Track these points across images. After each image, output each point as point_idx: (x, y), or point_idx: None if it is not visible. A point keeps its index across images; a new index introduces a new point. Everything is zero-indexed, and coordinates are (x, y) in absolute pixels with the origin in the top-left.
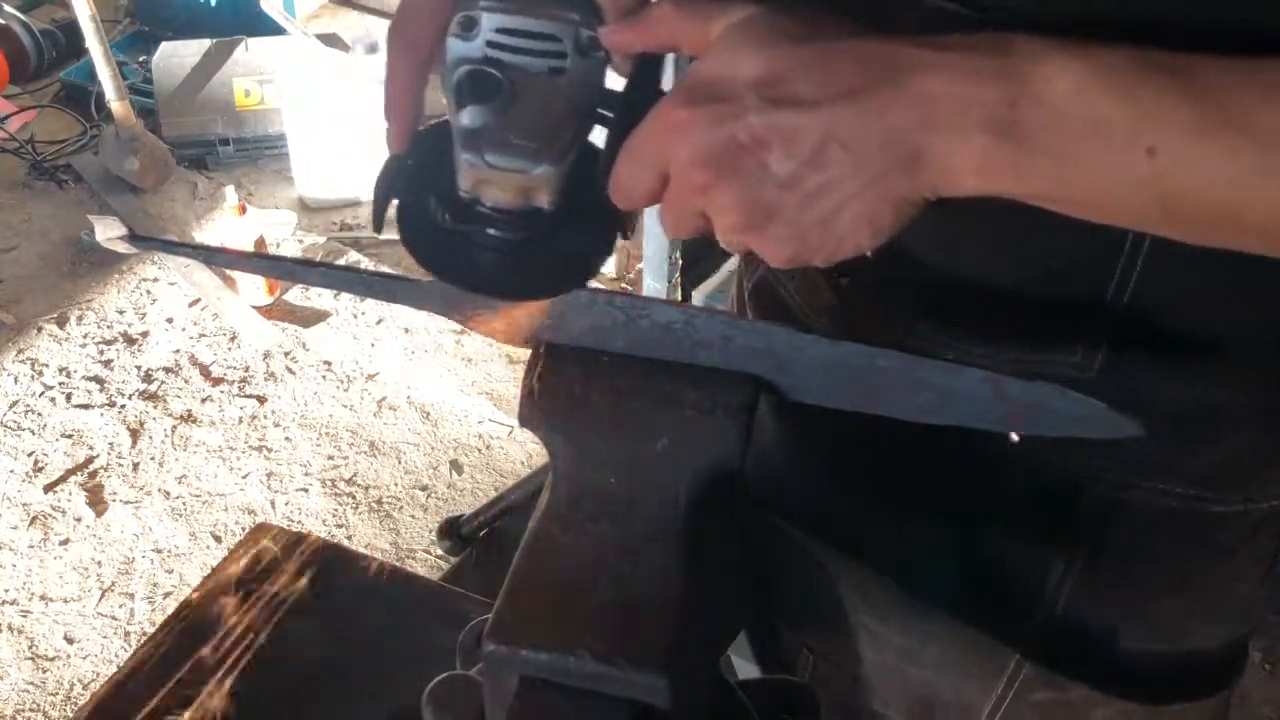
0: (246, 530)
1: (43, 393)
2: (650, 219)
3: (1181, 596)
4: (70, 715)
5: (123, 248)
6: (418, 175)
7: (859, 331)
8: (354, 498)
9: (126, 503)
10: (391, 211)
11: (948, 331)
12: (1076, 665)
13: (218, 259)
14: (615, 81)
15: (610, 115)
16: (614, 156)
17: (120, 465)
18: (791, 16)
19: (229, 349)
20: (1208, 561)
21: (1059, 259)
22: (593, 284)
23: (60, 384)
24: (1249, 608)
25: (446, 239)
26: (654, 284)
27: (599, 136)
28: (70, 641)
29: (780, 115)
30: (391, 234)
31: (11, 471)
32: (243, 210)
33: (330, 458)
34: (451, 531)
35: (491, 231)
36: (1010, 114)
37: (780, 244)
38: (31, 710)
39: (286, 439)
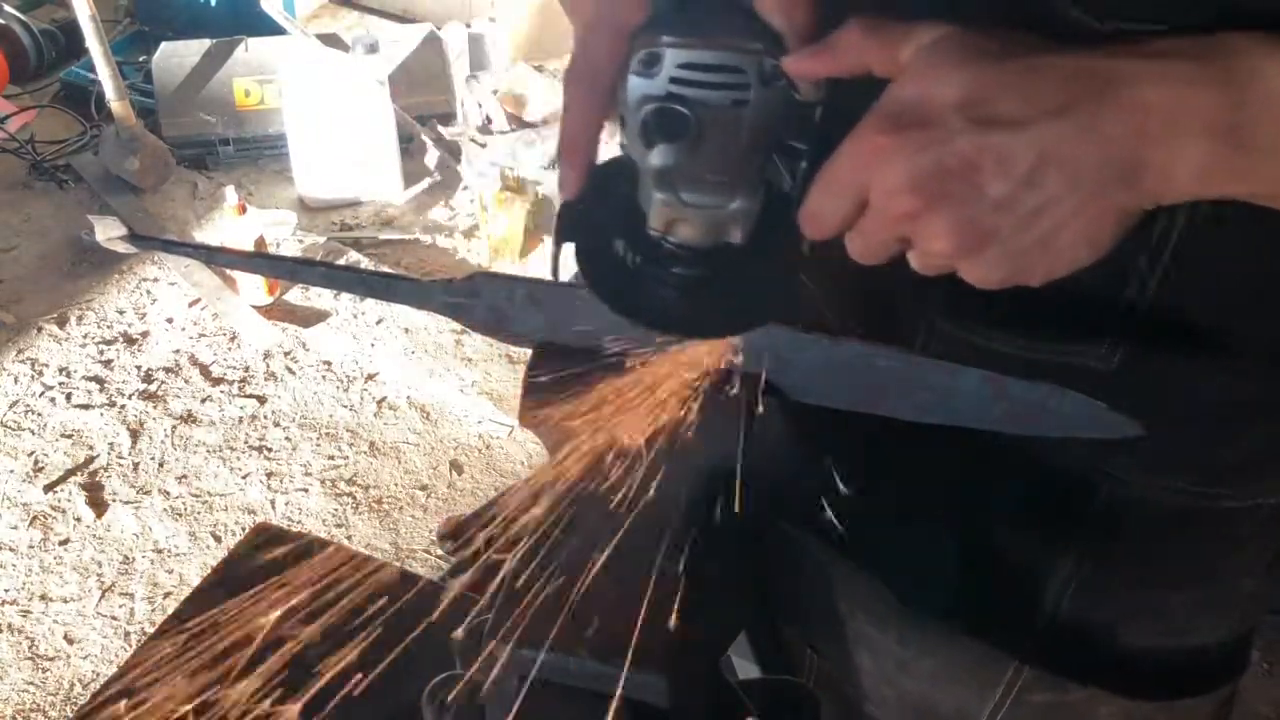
0: (246, 530)
1: (43, 393)
2: None
3: (1190, 591)
4: (70, 715)
5: (123, 248)
6: (592, 218)
7: (880, 325)
8: (354, 498)
9: (126, 503)
10: (565, 253)
11: (968, 325)
12: (1080, 665)
13: (218, 259)
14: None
15: (797, 146)
16: (807, 187)
17: (120, 465)
18: (985, 35)
19: (229, 349)
20: (1217, 555)
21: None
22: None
23: (60, 384)
24: (1254, 602)
25: (629, 279)
26: None
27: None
28: (70, 641)
29: (990, 136)
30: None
31: (11, 471)
32: (243, 210)
33: (330, 458)
34: (451, 531)
35: (677, 270)
36: (1232, 117)
37: (995, 267)
38: (31, 710)
39: (286, 439)
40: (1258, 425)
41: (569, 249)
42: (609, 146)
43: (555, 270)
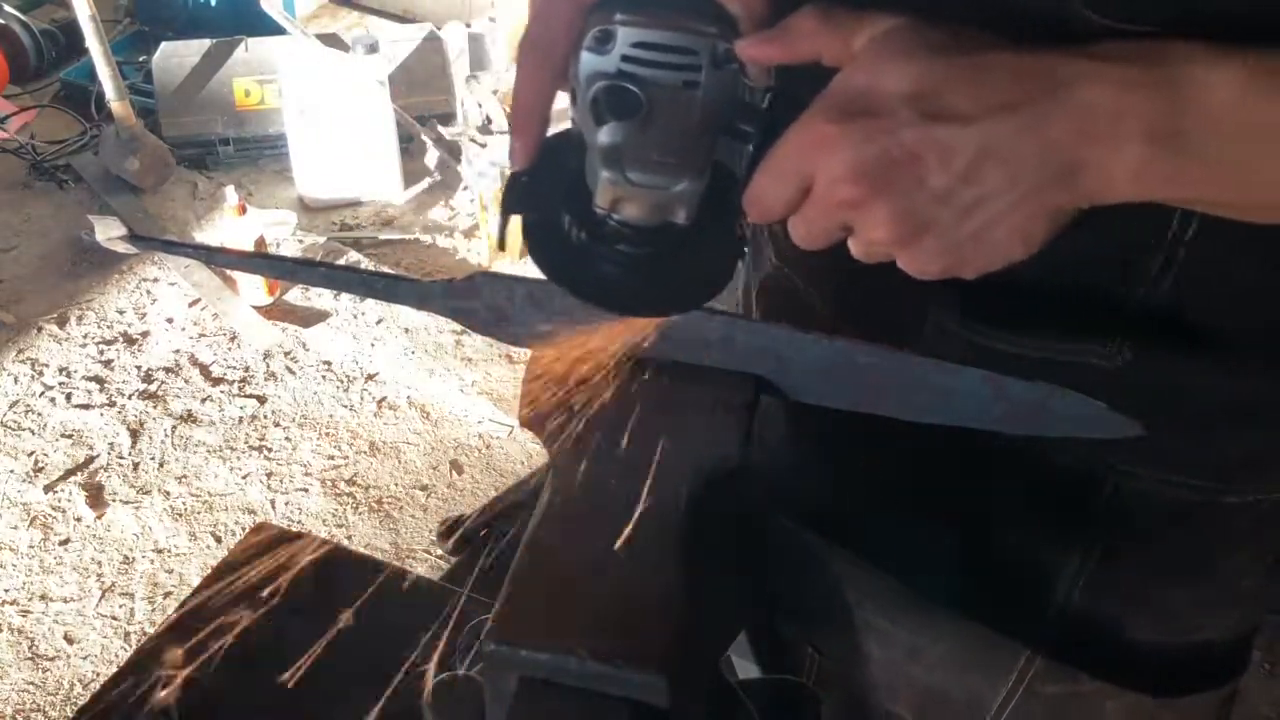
0: (246, 530)
1: (43, 393)
2: None
3: (1193, 587)
4: (70, 715)
5: (123, 248)
6: (539, 190)
7: (880, 324)
8: (354, 498)
9: (126, 503)
10: (513, 226)
11: (973, 324)
12: (1089, 658)
13: (218, 259)
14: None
15: (745, 129)
16: (753, 170)
17: (120, 465)
18: (937, 28)
19: (229, 349)
20: (1217, 552)
21: (1092, 254)
22: None
23: (60, 384)
24: (1256, 600)
25: (573, 254)
26: None
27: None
28: (70, 641)
29: (936, 129)
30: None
31: (11, 471)
32: (243, 210)
33: (330, 458)
34: (451, 531)
35: (621, 247)
36: (1170, 123)
37: (932, 258)
38: (31, 710)
39: (286, 439)
40: (1262, 423)
41: (516, 221)
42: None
43: (502, 241)
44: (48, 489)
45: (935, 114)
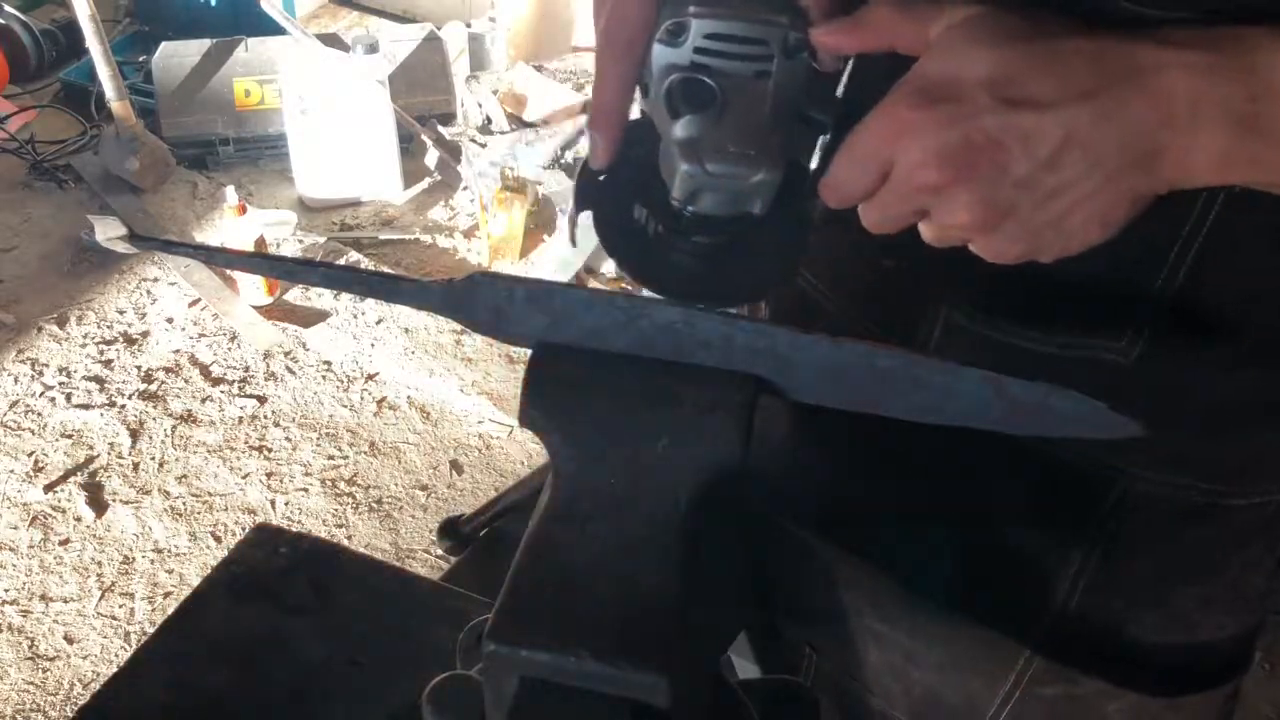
0: (246, 530)
1: (43, 393)
2: None
3: (1196, 586)
4: (70, 715)
5: (123, 248)
6: (610, 183)
7: (891, 317)
8: (354, 498)
9: (126, 503)
10: (584, 219)
11: (983, 317)
12: (1089, 659)
13: (218, 259)
14: None
15: (819, 118)
16: (828, 158)
17: (120, 465)
18: (1016, 15)
19: (229, 349)
20: (1223, 552)
21: (1110, 248)
22: (593, 284)
23: (60, 384)
24: (1259, 599)
25: (645, 245)
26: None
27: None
28: (70, 641)
29: (1018, 116)
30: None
31: (11, 471)
32: (243, 210)
33: (330, 458)
34: (451, 531)
35: (696, 238)
36: (1251, 108)
37: (1011, 243)
38: (31, 710)
39: (286, 439)
40: (1267, 425)
41: (586, 216)
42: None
43: (573, 236)
44: (48, 489)
45: (1017, 100)
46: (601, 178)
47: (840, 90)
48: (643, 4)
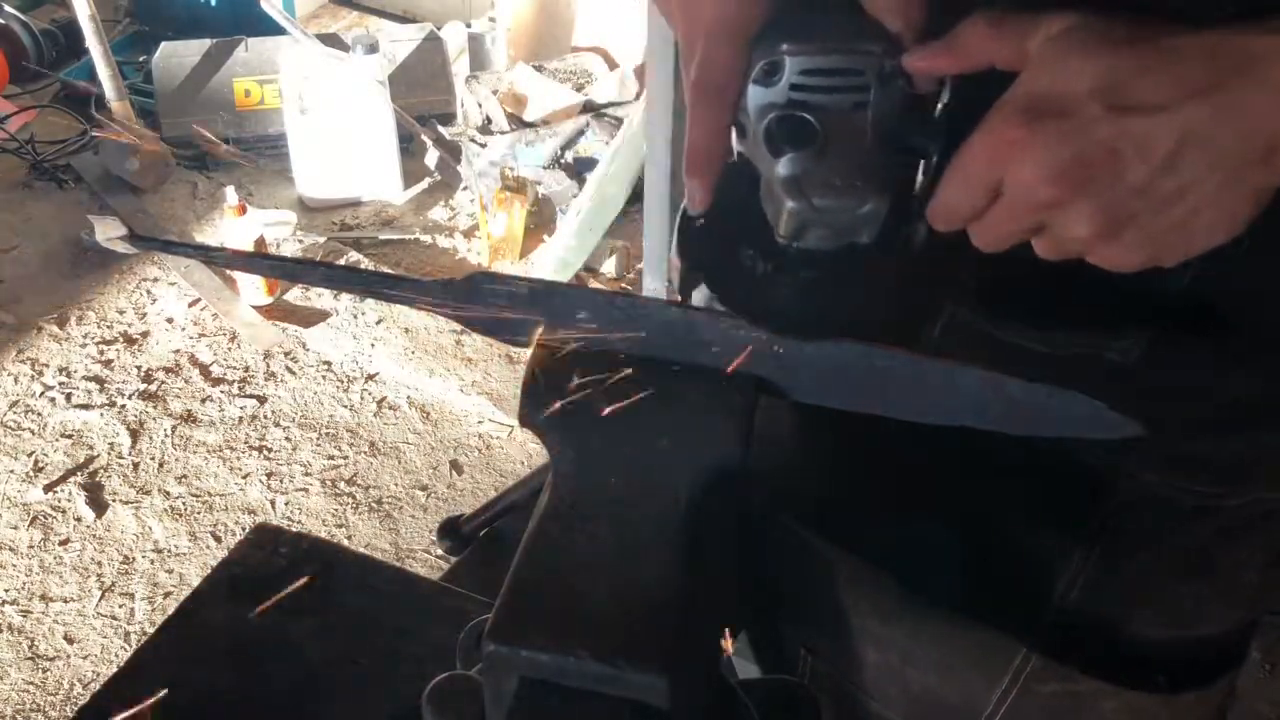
0: (246, 530)
1: (43, 393)
2: (650, 219)
3: (1191, 584)
4: (70, 715)
5: (123, 248)
6: (709, 228)
7: (898, 314)
8: (354, 498)
9: (126, 503)
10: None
11: (987, 316)
12: (1086, 656)
13: (218, 259)
14: None
15: (921, 142)
16: (935, 182)
17: (120, 465)
18: (1119, 20)
19: (229, 349)
20: (1216, 550)
21: None
22: (593, 284)
23: (60, 384)
24: (1256, 594)
25: (751, 285)
26: (654, 284)
27: None
28: (70, 641)
29: (1130, 122)
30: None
31: (11, 471)
32: (243, 210)
33: (330, 458)
34: (451, 531)
35: (804, 273)
36: None
37: (1133, 250)
38: (31, 710)
39: (286, 439)
40: (1265, 425)
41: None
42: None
43: (683, 291)
44: (48, 489)
45: (1127, 107)
46: (700, 222)
47: (939, 112)
48: (734, 49)
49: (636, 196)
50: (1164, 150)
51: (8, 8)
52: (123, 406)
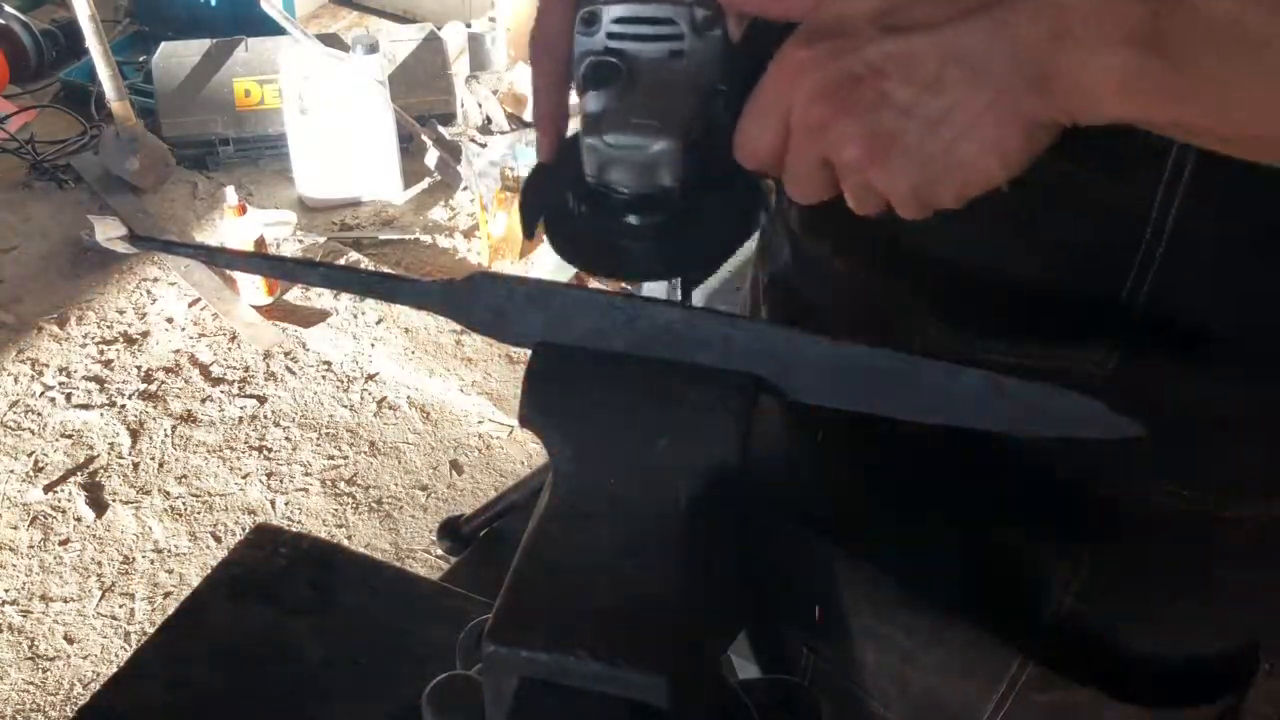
0: (246, 530)
1: (43, 393)
2: None
3: (1189, 600)
4: (70, 715)
5: (123, 248)
6: (560, 181)
7: (874, 335)
8: (354, 498)
9: (126, 503)
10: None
11: (960, 333)
12: (1082, 666)
13: (218, 259)
14: None
15: (722, 88)
16: (736, 119)
17: (120, 465)
18: None
19: (229, 349)
20: (1216, 566)
21: (1073, 256)
22: (593, 284)
23: (60, 384)
24: (1260, 615)
25: (592, 236)
26: (654, 284)
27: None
28: (70, 641)
29: (898, 41)
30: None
31: (11, 471)
32: (243, 210)
33: (330, 458)
34: (451, 531)
35: (631, 220)
36: (1155, 24)
37: (901, 174)
38: (31, 710)
39: (286, 439)
40: (1251, 439)
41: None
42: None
43: (529, 229)
44: (48, 489)
45: (900, 27)
46: (545, 173)
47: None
48: (564, 3)
49: None
50: (928, 68)
51: (8, 8)
52: (123, 406)
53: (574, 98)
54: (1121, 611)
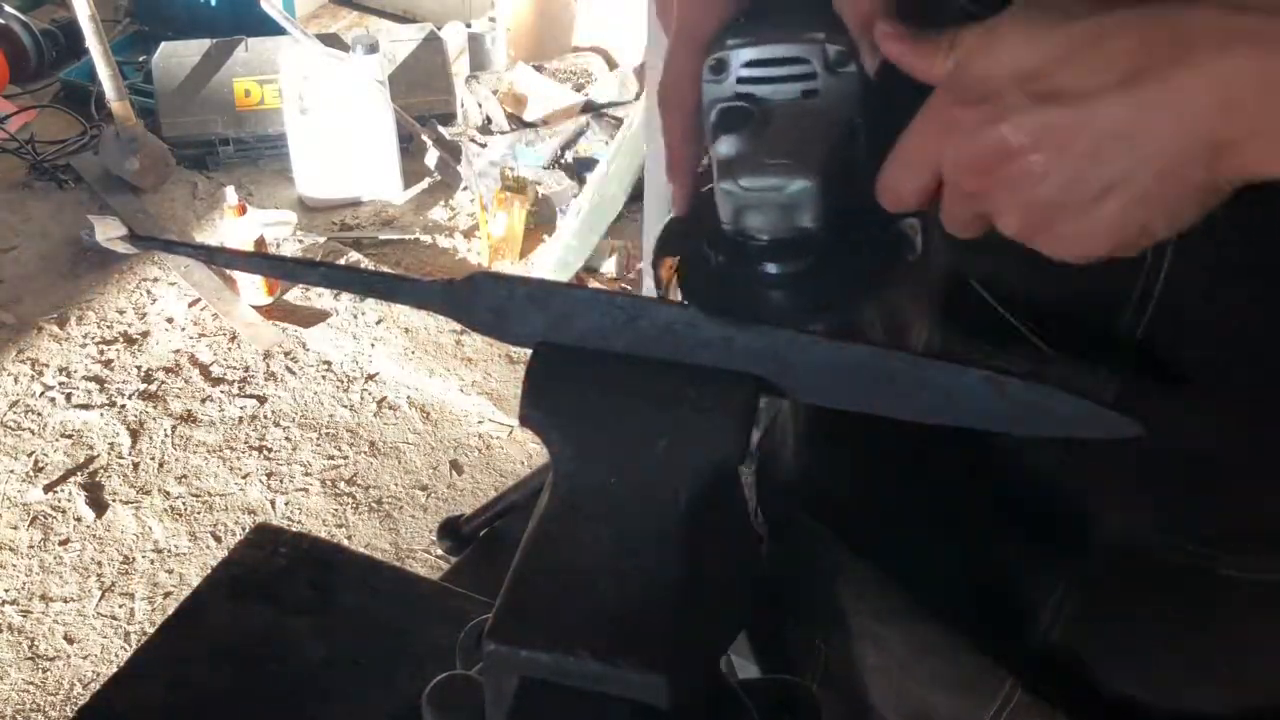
0: (246, 530)
1: (43, 393)
2: (650, 219)
3: (1181, 655)
4: (70, 715)
5: (123, 248)
6: (696, 234)
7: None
8: (354, 498)
9: (126, 503)
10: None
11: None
12: (1069, 700)
13: (218, 259)
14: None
15: (859, 122)
16: (876, 160)
17: (120, 465)
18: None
19: (229, 349)
20: (1213, 625)
21: (1074, 289)
22: (593, 284)
23: (60, 384)
24: (1266, 680)
25: (730, 287)
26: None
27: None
28: (70, 641)
29: (1048, 113)
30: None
31: (11, 471)
32: (243, 210)
33: (330, 458)
34: (451, 531)
35: (771, 268)
36: None
37: (1070, 245)
38: (31, 710)
39: (286, 439)
40: (1251, 489)
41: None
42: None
43: (658, 280)
44: (48, 489)
45: (1047, 95)
46: (680, 227)
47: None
48: (690, 53)
49: (636, 196)
50: (1083, 145)
51: (8, 8)
52: (123, 406)
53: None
54: (1105, 651)
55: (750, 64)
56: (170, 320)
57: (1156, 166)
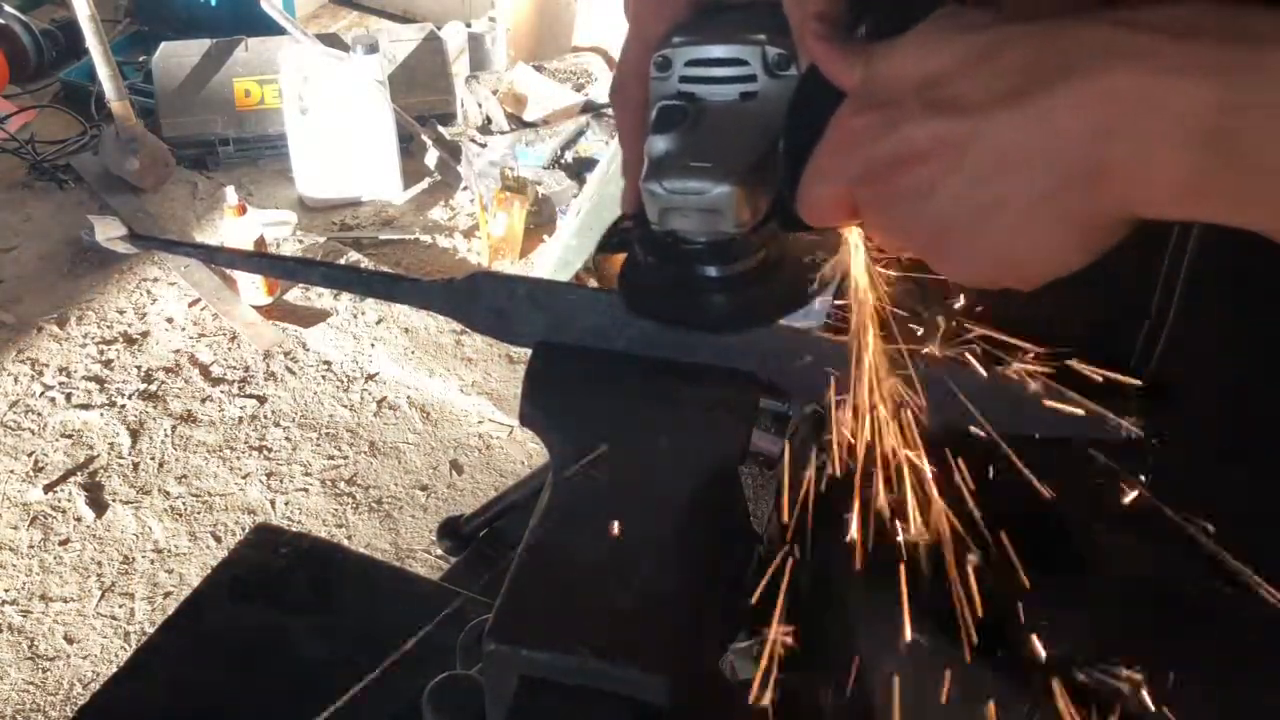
0: (246, 530)
1: (43, 393)
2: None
3: (1199, 684)
4: (70, 715)
5: (123, 248)
6: (642, 231)
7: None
8: (354, 498)
9: (126, 503)
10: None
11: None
12: None
13: (218, 259)
14: None
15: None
16: (791, 172)
17: (120, 465)
18: (992, 5)
19: (229, 349)
20: (1240, 666)
21: (1083, 324)
22: (592, 284)
23: (60, 384)
24: None
25: (670, 290)
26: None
27: None
28: (70, 641)
29: (940, 123)
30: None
31: (11, 471)
32: (243, 210)
33: (330, 458)
34: (451, 531)
35: (700, 270)
36: (1222, 121)
37: (963, 265)
38: (31, 710)
39: (286, 439)
40: (1261, 537)
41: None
42: None
43: (598, 269)
44: (48, 489)
45: (941, 104)
46: (625, 225)
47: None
48: (640, 52)
49: None
50: (971, 158)
51: (8, 8)
52: (123, 406)
53: None
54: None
55: (692, 63)
56: (170, 320)
57: (1039, 187)
